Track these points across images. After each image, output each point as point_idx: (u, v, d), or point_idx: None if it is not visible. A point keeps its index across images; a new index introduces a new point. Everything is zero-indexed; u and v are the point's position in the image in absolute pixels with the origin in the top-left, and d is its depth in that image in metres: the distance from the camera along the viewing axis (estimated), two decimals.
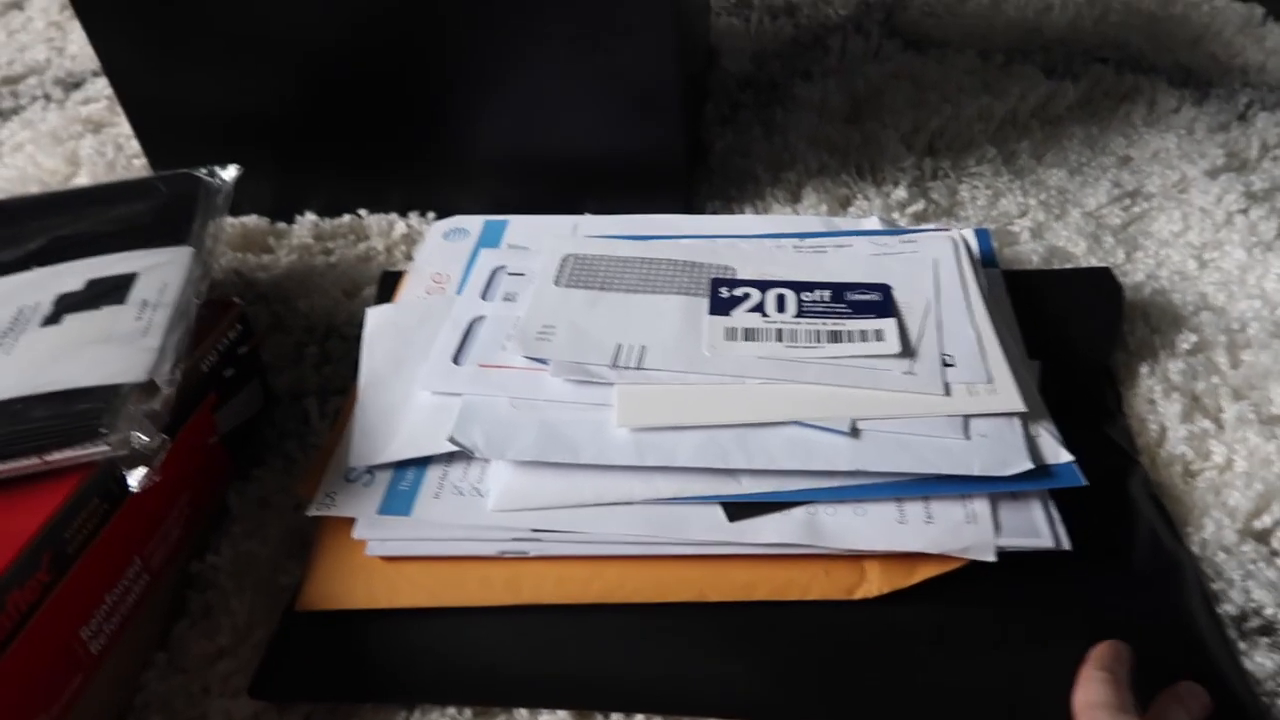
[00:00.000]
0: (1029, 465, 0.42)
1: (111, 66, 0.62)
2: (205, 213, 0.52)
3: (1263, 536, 0.45)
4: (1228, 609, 0.42)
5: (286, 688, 0.40)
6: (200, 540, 0.47)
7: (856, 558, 0.42)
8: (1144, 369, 0.52)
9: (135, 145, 0.72)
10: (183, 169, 0.55)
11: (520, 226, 0.59)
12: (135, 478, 0.38)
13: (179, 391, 0.42)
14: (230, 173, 0.54)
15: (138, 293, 0.46)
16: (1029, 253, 0.61)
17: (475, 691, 0.40)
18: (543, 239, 0.56)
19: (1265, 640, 0.41)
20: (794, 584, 0.42)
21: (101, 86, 0.83)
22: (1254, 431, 0.48)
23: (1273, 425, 0.49)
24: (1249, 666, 0.40)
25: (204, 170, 0.54)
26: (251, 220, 0.67)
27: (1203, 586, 0.42)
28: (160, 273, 0.47)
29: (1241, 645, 0.41)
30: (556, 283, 0.52)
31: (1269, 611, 0.41)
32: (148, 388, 0.40)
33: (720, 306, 0.49)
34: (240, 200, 0.66)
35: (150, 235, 0.50)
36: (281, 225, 0.67)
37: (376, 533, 0.43)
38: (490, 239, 0.58)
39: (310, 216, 0.67)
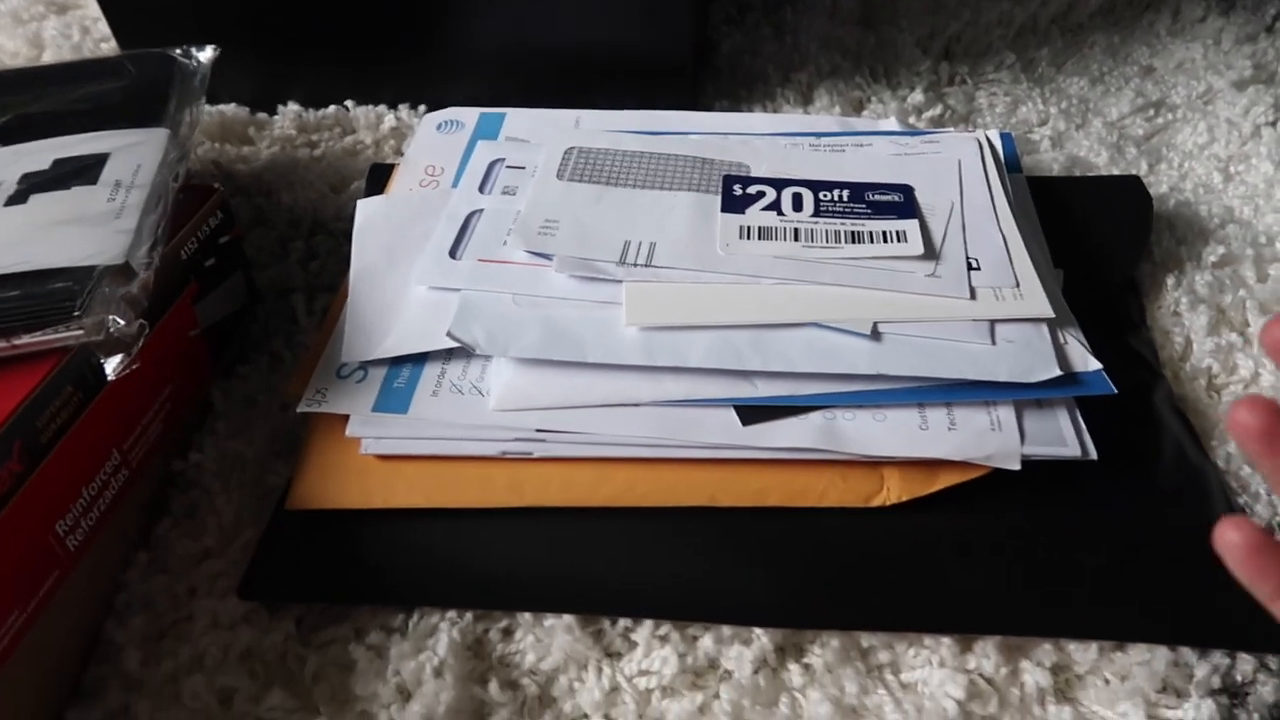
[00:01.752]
0: (1057, 372, 0.40)
1: None
2: (181, 94, 0.48)
3: None
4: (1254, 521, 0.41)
5: (277, 588, 0.39)
6: (183, 438, 0.44)
7: (875, 464, 0.40)
8: (1170, 281, 0.50)
9: (103, 28, 0.67)
10: (155, 49, 0.51)
11: (518, 119, 0.55)
12: (112, 365, 0.36)
13: (157, 278, 0.39)
14: (207, 54, 0.51)
15: (110, 173, 0.43)
16: (1049, 162, 0.58)
17: (476, 595, 0.38)
18: (544, 132, 0.52)
19: None
20: (809, 490, 0.40)
21: None
22: None
23: None
24: None
25: (178, 51, 0.51)
26: (230, 109, 0.63)
27: (1229, 499, 0.41)
28: (133, 153, 0.44)
29: None
30: (559, 176, 0.49)
31: None
32: (123, 270, 0.38)
33: (734, 204, 0.47)
34: (217, 88, 0.62)
35: (122, 115, 0.47)
36: (262, 116, 0.63)
37: (371, 430, 0.40)
38: (487, 131, 0.54)
39: (293, 107, 0.63)
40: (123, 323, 0.36)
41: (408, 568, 0.39)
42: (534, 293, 0.43)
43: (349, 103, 0.63)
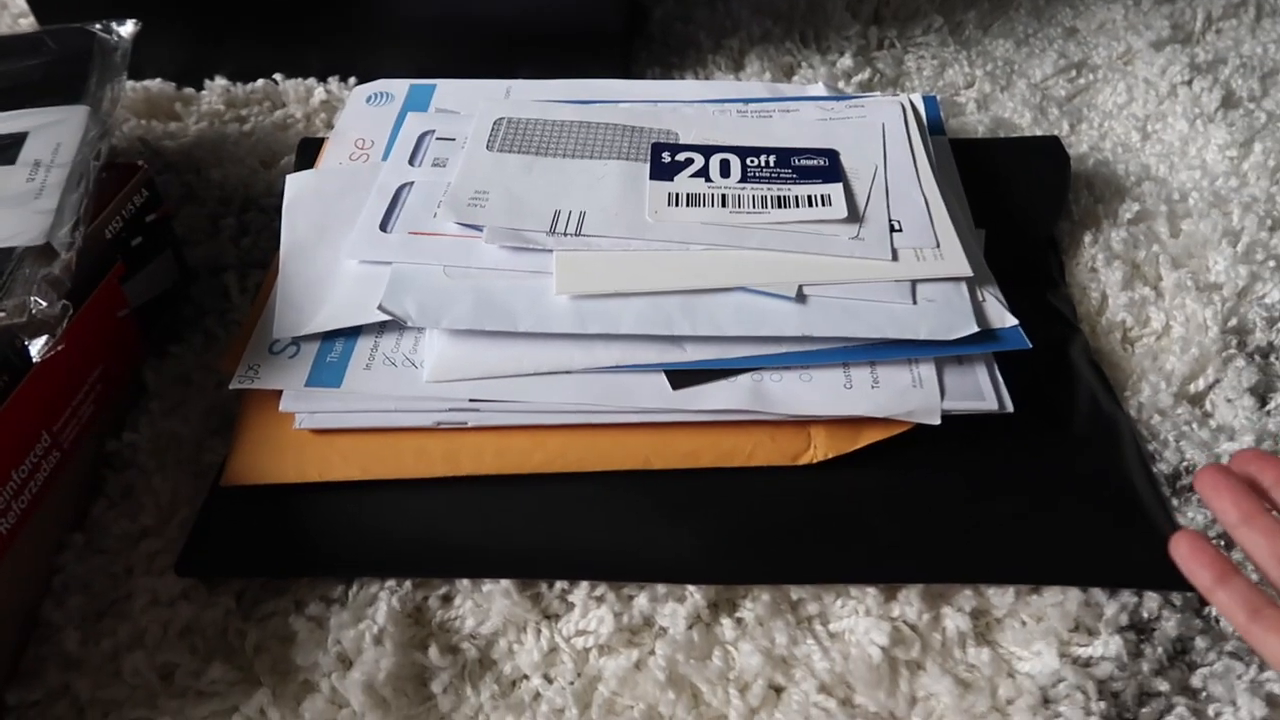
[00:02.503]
0: (975, 329, 0.41)
1: None
2: (101, 70, 0.48)
3: (1197, 399, 0.46)
4: (1162, 468, 0.43)
5: (215, 563, 0.39)
6: (117, 419, 0.44)
7: (802, 424, 0.41)
8: (1087, 238, 0.52)
9: (20, 3, 0.65)
10: (75, 24, 0.50)
11: (449, 90, 0.55)
12: (37, 346, 0.35)
13: (81, 259, 0.38)
14: (128, 28, 0.50)
15: (28, 153, 0.42)
16: (975, 123, 0.59)
17: (415, 563, 0.39)
18: (474, 103, 0.52)
19: (1197, 496, 0.41)
20: (739, 451, 0.41)
21: None
22: (1191, 298, 0.49)
23: (1209, 292, 0.49)
24: (1182, 521, 0.41)
25: (98, 25, 0.50)
26: (156, 85, 0.62)
27: (1139, 447, 0.43)
28: (53, 131, 0.43)
29: (1175, 502, 0.41)
30: (489, 147, 0.49)
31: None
32: (44, 251, 0.37)
33: (662, 172, 0.47)
34: (142, 64, 0.61)
35: (40, 93, 0.46)
36: (189, 91, 0.62)
37: (305, 405, 0.41)
38: (417, 103, 0.54)
39: (221, 81, 0.62)
40: (45, 304, 0.35)
41: (346, 539, 0.39)
42: (465, 264, 0.44)
43: (278, 76, 0.62)
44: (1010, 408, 0.41)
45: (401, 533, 0.40)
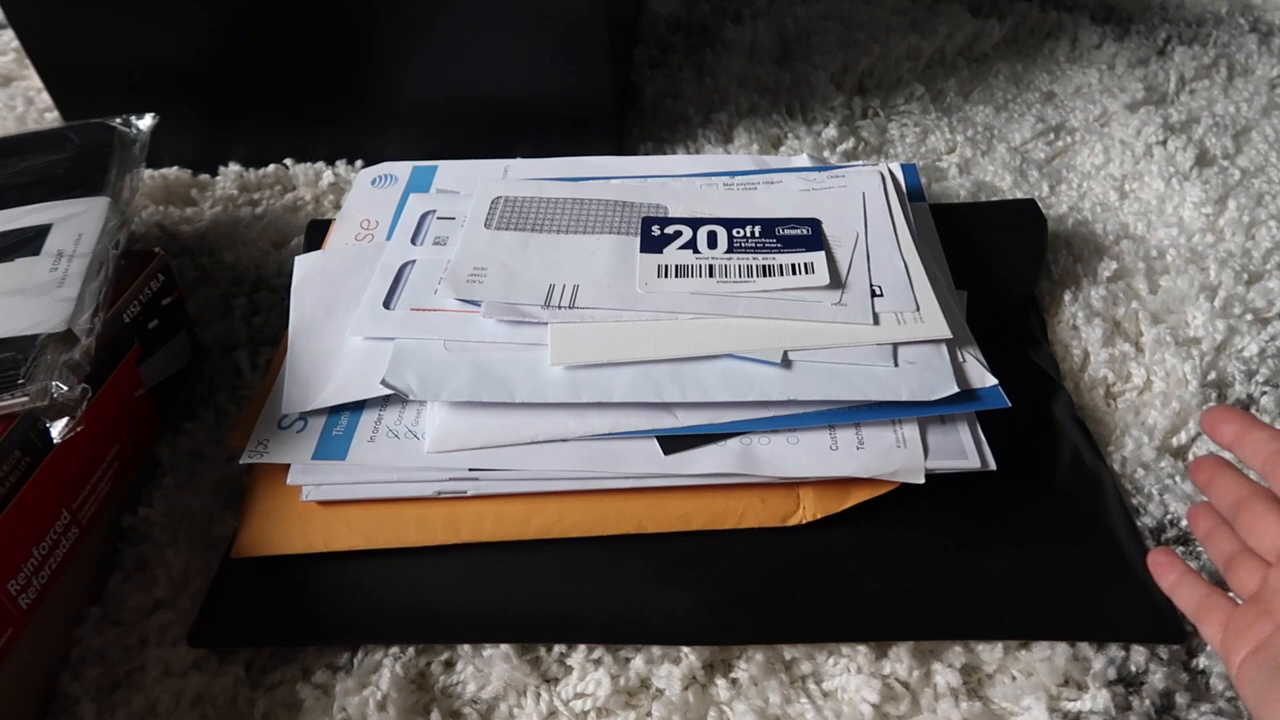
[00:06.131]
0: (955, 389, 0.43)
1: (17, 17, 0.59)
2: (121, 162, 0.50)
3: (1179, 453, 0.47)
4: (1146, 521, 0.44)
5: (226, 634, 0.40)
6: (132, 494, 0.46)
7: (791, 485, 0.43)
8: (1067, 296, 0.54)
9: (47, 98, 0.69)
10: (96, 119, 0.53)
11: (450, 171, 0.58)
12: (58, 428, 0.37)
13: (101, 342, 0.41)
14: (146, 122, 0.53)
15: (52, 243, 0.44)
16: (957, 187, 0.62)
17: (417, 630, 0.40)
18: (473, 183, 0.55)
19: (1181, 549, 0.42)
20: (730, 513, 0.42)
21: (8, 39, 0.80)
22: (1171, 353, 0.50)
23: (1189, 347, 0.51)
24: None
25: (118, 120, 0.53)
26: (172, 172, 0.65)
27: (1123, 501, 0.44)
28: (75, 223, 0.46)
29: None
30: (487, 225, 0.51)
31: (1185, 523, 0.43)
32: (65, 337, 0.39)
33: (652, 244, 0.49)
34: (160, 152, 0.64)
35: (64, 186, 0.49)
36: (204, 177, 0.65)
37: (311, 478, 0.42)
38: (419, 184, 0.57)
39: (234, 167, 0.65)
40: (66, 388, 0.37)
41: (351, 607, 0.41)
42: (464, 338, 0.45)
43: (288, 160, 0.65)
44: (993, 465, 0.42)
45: (404, 600, 0.41)
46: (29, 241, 0.45)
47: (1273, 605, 0.33)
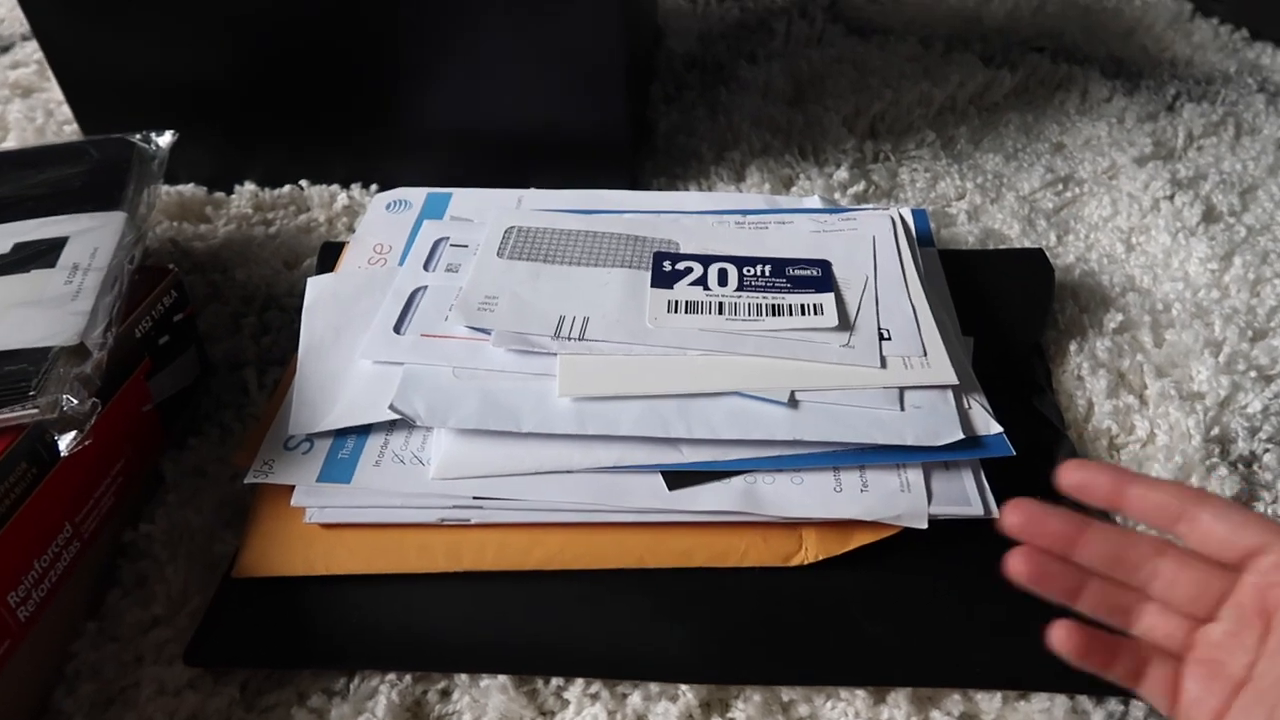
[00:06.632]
0: (960, 435, 0.43)
1: (41, 30, 0.60)
2: (139, 178, 0.51)
3: None
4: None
5: (222, 654, 0.40)
6: (134, 509, 0.46)
7: (794, 525, 0.43)
8: (1073, 346, 0.54)
9: (66, 111, 0.70)
10: (116, 134, 0.53)
11: (464, 199, 0.58)
12: (65, 441, 0.37)
13: (111, 356, 0.41)
14: (166, 139, 0.53)
15: (68, 256, 0.45)
16: (965, 234, 0.62)
17: (415, 657, 0.40)
18: (487, 211, 0.55)
19: None
20: (732, 551, 0.42)
21: (31, 50, 0.81)
22: (1175, 407, 0.50)
23: (1192, 401, 0.51)
24: None
25: (138, 135, 0.53)
26: (189, 189, 0.65)
27: None
28: (91, 237, 0.46)
29: None
30: (500, 254, 0.51)
31: None
32: (78, 351, 0.40)
33: (663, 279, 0.50)
34: (177, 169, 0.65)
35: (81, 199, 0.49)
36: (220, 195, 0.66)
37: (315, 500, 0.42)
38: (434, 211, 0.57)
39: (250, 186, 0.65)
40: (76, 401, 0.38)
41: (349, 632, 0.41)
42: (473, 365, 0.46)
43: (304, 182, 0.66)
44: (996, 513, 0.42)
45: (403, 626, 0.41)
46: (45, 253, 0.45)
47: (1229, 667, 0.32)
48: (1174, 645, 0.34)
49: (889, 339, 0.47)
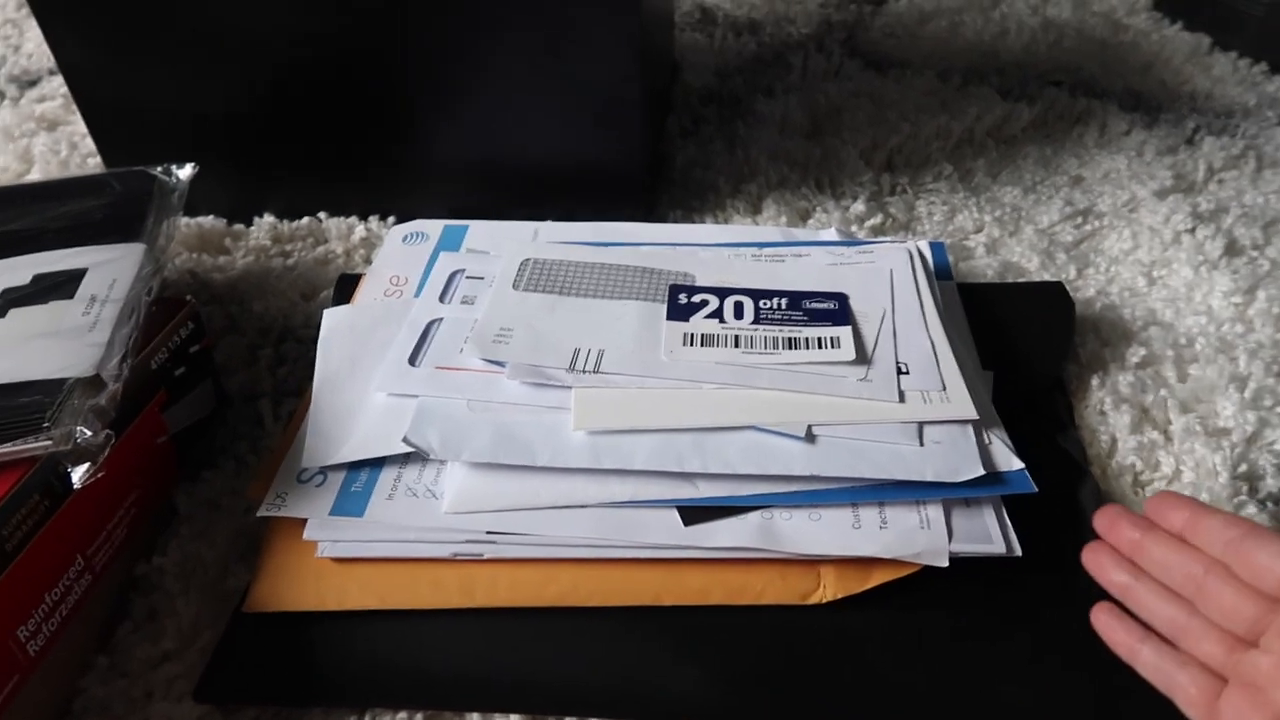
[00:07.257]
0: (981, 471, 0.42)
1: (67, 65, 0.61)
2: (159, 210, 0.51)
3: None
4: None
5: (232, 690, 0.40)
6: (146, 542, 0.46)
7: (812, 563, 0.42)
8: (1095, 381, 0.53)
9: (90, 144, 0.71)
10: (137, 167, 0.54)
11: (480, 231, 0.58)
12: (79, 474, 0.37)
13: (127, 388, 0.41)
14: (186, 172, 0.54)
15: (86, 288, 0.45)
16: (984, 267, 0.62)
17: (427, 695, 0.39)
18: (503, 244, 0.55)
19: None
20: (749, 589, 0.42)
21: (57, 85, 0.82)
22: (1200, 443, 0.49)
23: (1218, 437, 0.50)
24: None
25: (159, 168, 0.54)
26: (208, 221, 0.66)
27: None
28: (110, 268, 0.46)
29: None
30: (515, 286, 0.51)
31: None
32: (93, 382, 0.40)
33: (678, 312, 0.49)
34: (197, 201, 0.65)
35: (101, 231, 0.49)
36: (239, 227, 0.66)
37: (327, 534, 0.42)
38: (450, 243, 0.57)
39: (268, 218, 0.66)
40: (90, 433, 0.37)
41: (360, 668, 0.40)
42: (488, 398, 0.45)
43: (322, 214, 0.66)
44: (1018, 551, 0.42)
45: (415, 663, 0.40)
46: (64, 285, 0.45)
47: (1271, 695, 0.32)
48: (1215, 664, 0.34)
49: (907, 373, 0.46)
